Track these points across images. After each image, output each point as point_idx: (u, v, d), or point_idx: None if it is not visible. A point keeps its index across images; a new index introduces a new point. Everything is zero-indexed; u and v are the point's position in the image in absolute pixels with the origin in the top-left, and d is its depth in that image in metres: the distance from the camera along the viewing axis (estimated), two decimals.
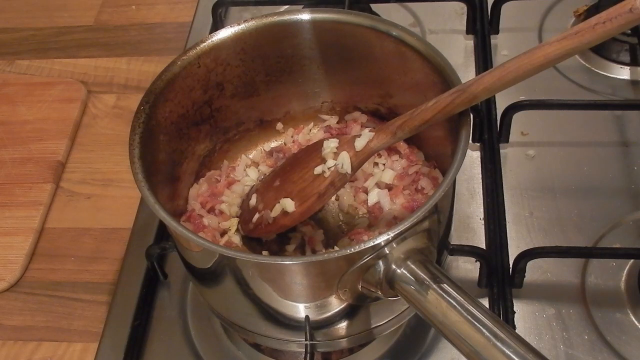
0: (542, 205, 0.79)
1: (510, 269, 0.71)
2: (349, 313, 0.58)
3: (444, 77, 0.60)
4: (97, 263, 0.81)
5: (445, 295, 0.50)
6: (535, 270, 0.71)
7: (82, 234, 0.84)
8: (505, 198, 0.77)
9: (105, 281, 0.78)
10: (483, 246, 0.75)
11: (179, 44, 1.02)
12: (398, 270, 0.52)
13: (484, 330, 0.47)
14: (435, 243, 0.56)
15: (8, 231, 0.83)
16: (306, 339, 0.59)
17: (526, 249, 0.70)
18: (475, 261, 0.72)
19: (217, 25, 0.99)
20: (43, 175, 0.89)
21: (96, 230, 0.84)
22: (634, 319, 0.69)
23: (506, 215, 0.75)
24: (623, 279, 0.72)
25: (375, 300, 0.56)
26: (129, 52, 1.04)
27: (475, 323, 0.48)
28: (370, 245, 0.50)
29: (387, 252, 0.51)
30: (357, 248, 0.50)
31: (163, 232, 0.79)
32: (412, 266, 0.52)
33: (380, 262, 0.52)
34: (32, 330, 0.76)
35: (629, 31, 0.89)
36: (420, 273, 0.51)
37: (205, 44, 0.65)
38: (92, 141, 0.93)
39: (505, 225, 0.74)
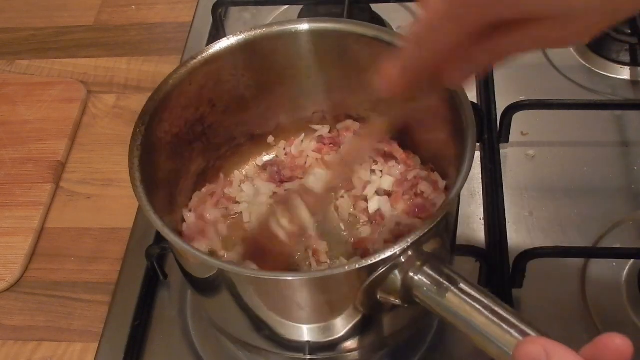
0: (542, 205, 0.79)
1: (510, 269, 0.71)
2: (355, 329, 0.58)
3: None
4: (97, 263, 0.81)
5: (467, 298, 0.50)
6: (535, 270, 0.71)
7: (82, 234, 0.84)
8: (505, 198, 0.77)
9: (105, 281, 0.78)
10: (483, 246, 0.75)
11: (179, 44, 1.02)
12: (415, 277, 0.51)
13: (512, 331, 0.47)
14: (447, 245, 0.56)
15: (8, 231, 0.83)
16: (305, 354, 0.59)
17: (526, 249, 0.70)
18: (475, 261, 0.72)
19: (217, 26, 1.00)
20: (43, 175, 0.89)
21: (96, 230, 0.84)
22: (634, 319, 0.69)
23: (506, 215, 0.75)
24: (623, 279, 0.72)
25: (393, 309, 0.56)
26: (129, 52, 1.04)
27: (503, 324, 0.47)
28: (388, 255, 0.50)
29: (403, 260, 0.51)
30: (375, 259, 0.50)
31: None
32: (429, 271, 0.51)
33: (397, 272, 0.51)
34: (32, 330, 0.76)
35: (629, 31, 0.89)
36: (438, 277, 0.51)
37: (196, 60, 0.64)
38: (92, 141, 0.93)
39: (505, 225, 0.74)
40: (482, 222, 0.77)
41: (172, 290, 0.76)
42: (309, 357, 0.60)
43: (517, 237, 0.75)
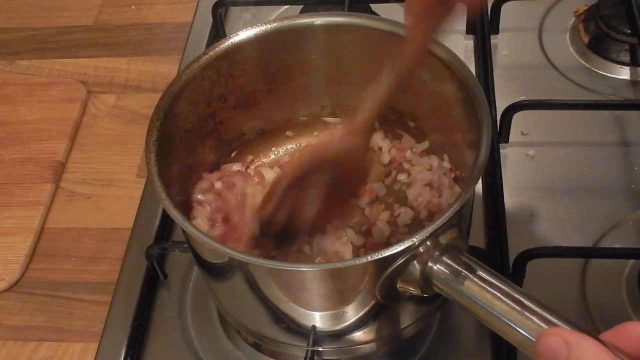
0: (542, 205, 0.79)
1: (510, 269, 0.71)
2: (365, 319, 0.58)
3: (452, 71, 0.61)
4: (97, 263, 0.81)
5: (486, 285, 0.50)
6: (535, 270, 0.71)
7: (82, 234, 0.84)
8: (505, 198, 0.77)
9: (105, 281, 0.78)
10: (483, 246, 0.75)
11: (179, 44, 1.02)
12: (434, 267, 0.52)
13: (534, 317, 0.47)
14: (464, 235, 0.56)
15: (8, 231, 0.83)
16: (308, 345, 0.59)
17: (526, 249, 0.70)
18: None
19: (217, 26, 0.99)
20: (43, 175, 0.89)
21: (96, 230, 0.84)
22: (634, 319, 0.69)
23: (506, 215, 0.75)
24: (623, 278, 0.72)
25: (410, 299, 0.56)
26: (129, 52, 1.04)
27: (524, 311, 0.47)
28: (407, 245, 0.50)
29: (422, 250, 0.51)
30: (395, 249, 0.50)
31: (163, 232, 0.79)
32: (448, 261, 0.52)
33: (416, 262, 0.52)
34: (32, 330, 0.76)
35: (629, 31, 0.89)
36: (457, 266, 0.51)
37: (207, 55, 0.64)
38: (92, 141, 0.93)
39: (505, 225, 0.74)
40: (482, 222, 0.77)
41: (172, 290, 0.76)
42: (316, 348, 0.60)
43: (517, 237, 0.75)
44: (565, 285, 0.72)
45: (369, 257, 0.50)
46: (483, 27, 0.95)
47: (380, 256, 0.50)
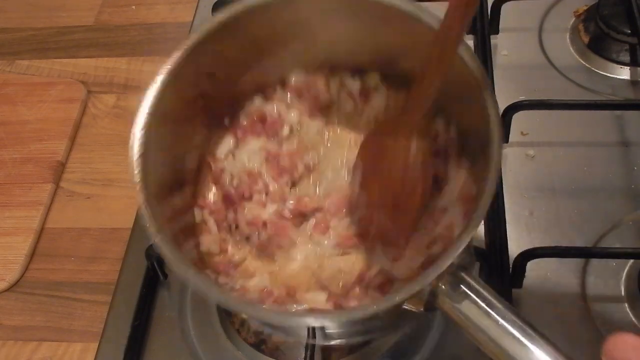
0: (542, 205, 0.79)
1: (510, 269, 0.71)
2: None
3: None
4: (97, 263, 0.81)
5: (492, 310, 0.49)
6: (535, 270, 0.71)
7: (82, 234, 0.84)
8: (505, 198, 0.77)
9: (105, 281, 0.78)
10: (483, 246, 0.75)
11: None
12: (442, 287, 0.51)
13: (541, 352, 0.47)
14: (472, 250, 0.56)
15: (8, 231, 0.84)
16: (308, 337, 0.59)
17: (526, 249, 0.70)
18: (476, 261, 0.72)
19: None
20: (43, 175, 0.89)
21: (96, 230, 0.84)
22: (634, 319, 0.69)
23: (506, 215, 0.75)
24: (623, 279, 0.72)
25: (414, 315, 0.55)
26: (129, 52, 1.04)
27: (534, 346, 0.47)
28: (421, 287, 0.49)
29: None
30: (418, 285, 0.49)
31: None
32: (455, 283, 0.51)
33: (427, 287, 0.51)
34: (32, 330, 0.76)
35: (629, 31, 0.89)
36: (464, 289, 0.50)
37: (193, 40, 0.60)
38: (92, 141, 0.94)
39: (505, 225, 0.74)
40: (482, 222, 0.77)
41: (172, 290, 0.76)
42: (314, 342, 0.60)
43: (517, 237, 0.75)
44: (565, 285, 0.72)
45: (381, 305, 0.49)
46: (483, 27, 0.95)
47: (396, 301, 0.49)
